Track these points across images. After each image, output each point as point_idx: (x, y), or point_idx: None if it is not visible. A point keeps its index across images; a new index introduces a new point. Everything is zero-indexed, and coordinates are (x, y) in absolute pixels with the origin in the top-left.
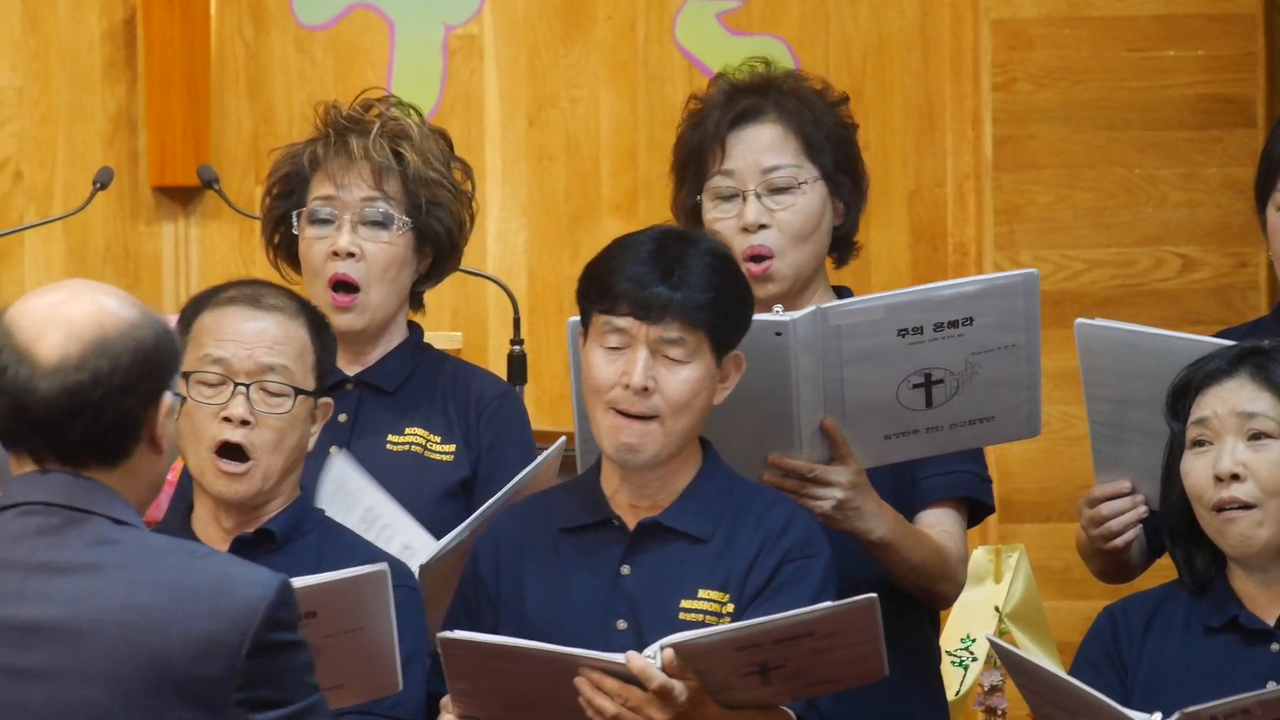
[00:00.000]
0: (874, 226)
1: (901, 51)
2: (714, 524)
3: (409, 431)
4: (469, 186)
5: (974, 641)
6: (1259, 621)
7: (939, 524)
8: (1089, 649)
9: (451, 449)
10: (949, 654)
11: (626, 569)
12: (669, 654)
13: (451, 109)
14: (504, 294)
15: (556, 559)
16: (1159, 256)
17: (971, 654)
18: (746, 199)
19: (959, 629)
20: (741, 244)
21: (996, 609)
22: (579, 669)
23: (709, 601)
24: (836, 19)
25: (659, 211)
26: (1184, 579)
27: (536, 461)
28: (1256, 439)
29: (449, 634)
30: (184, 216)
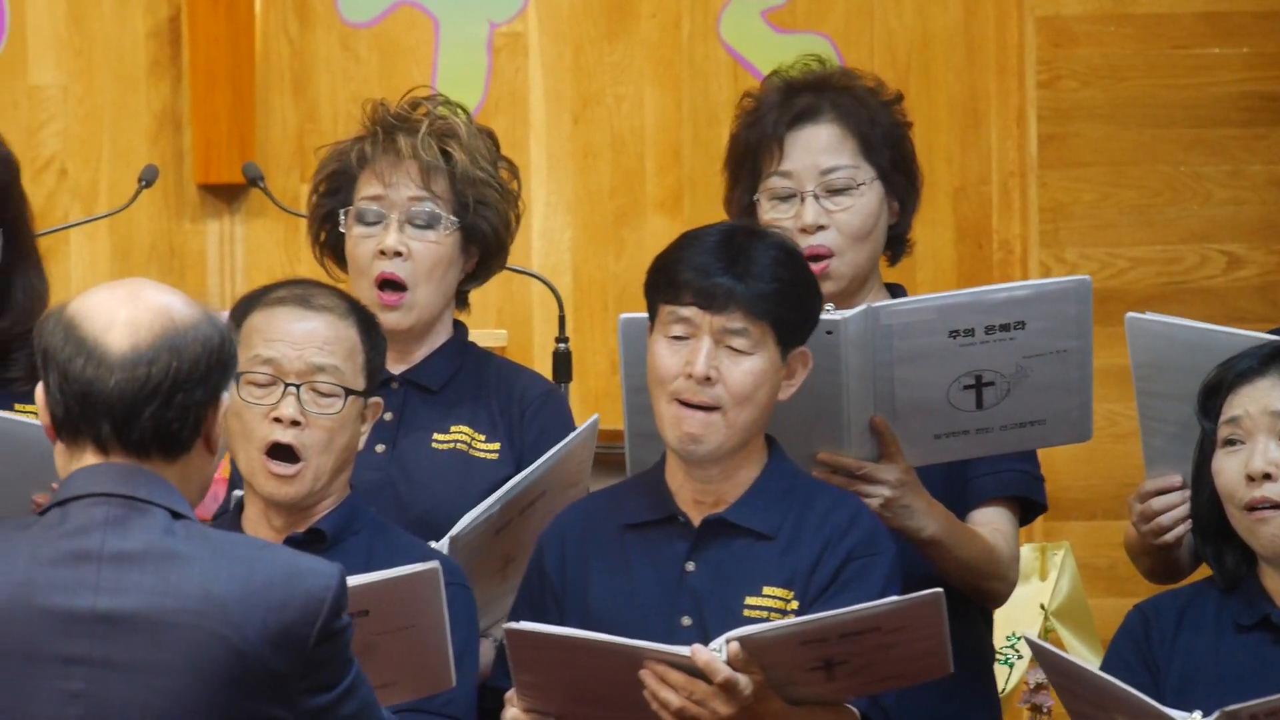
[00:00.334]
0: (919, 224)
1: (946, 49)
2: (779, 521)
3: (454, 430)
4: (515, 185)
5: (1020, 639)
6: None
7: (991, 522)
8: (1121, 647)
9: (496, 447)
10: (995, 652)
11: (691, 565)
12: (734, 647)
13: (496, 106)
14: (549, 291)
15: (622, 555)
16: (1204, 254)
17: (1017, 652)
18: (804, 200)
19: (1005, 627)
20: (800, 244)
21: (1042, 606)
22: (644, 662)
23: (773, 599)
24: (881, 16)
25: (703, 208)
26: (1215, 577)
27: (570, 438)
28: None
29: (515, 625)
30: (229, 214)
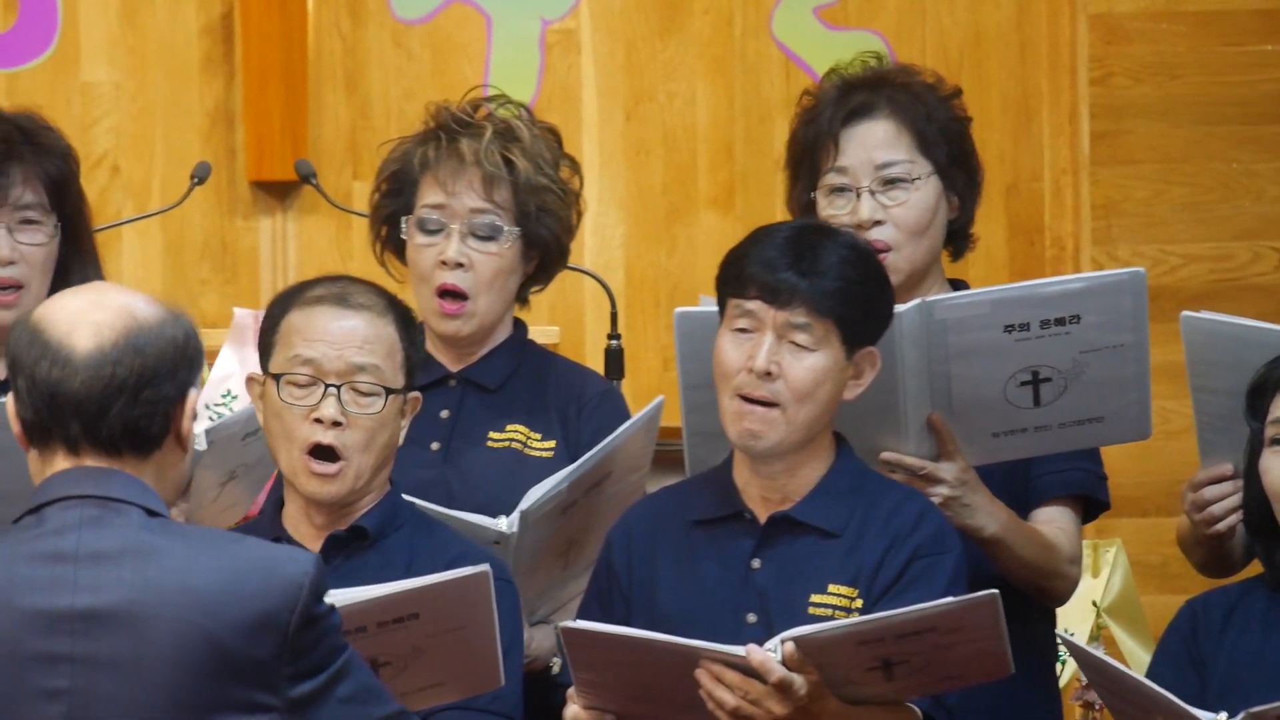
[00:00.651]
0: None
1: (998, 46)
2: (845, 519)
3: (509, 428)
4: (577, 183)
5: (1072, 636)
6: None
7: (1053, 521)
8: (1169, 642)
9: (551, 445)
10: (1057, 649)
11: (757, 563)
12: (789, 647)
13: (548, 103)
14: (601, 288)
15: (688, 552)
16: (1256, 251)
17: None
18: (860, 196)
19: (1057, 623)
20: None
21: (1094, 604)
22: (700, 661)
23: (838, 596)
24: (933, 13)
25: (755, 205)
26: (1265, 574)
27: (636, 417)
28: None
29: (571, 625)
30: (281, 211)
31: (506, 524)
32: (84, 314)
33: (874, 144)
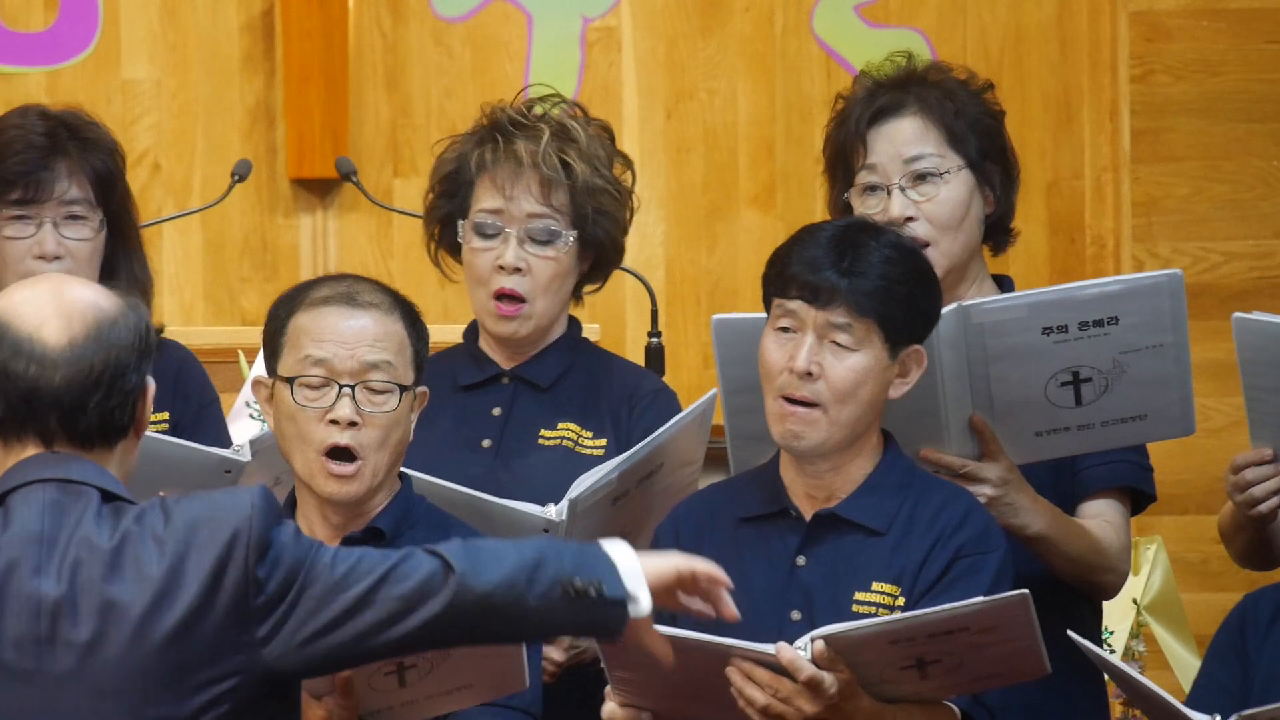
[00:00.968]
0: (1014, 220)
1: (1039, 43)
2: (891, 517)
3: (561, 426)
4: (629, 178)
5: (1113, 634)
6: None
7: (1101, 514)
8: (1219, 638)
9: (602, 444)
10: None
11: (802, 560)
12: (819, 645)
13: (589, 101)
14: (642, 286)
15: (735, 548)
16: None
17: (1109, 647)
18: (891, 193)
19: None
20: None
21: (1134, 601)
22: (730, 659)
23: (882, 594)
24: (974, 10)
25: (796, 203)
26: None
27: (689, 409)
28: None
29: None
30: (322, 209)
31: (555, 512)
32: (50, 308)
33: (901, 140)
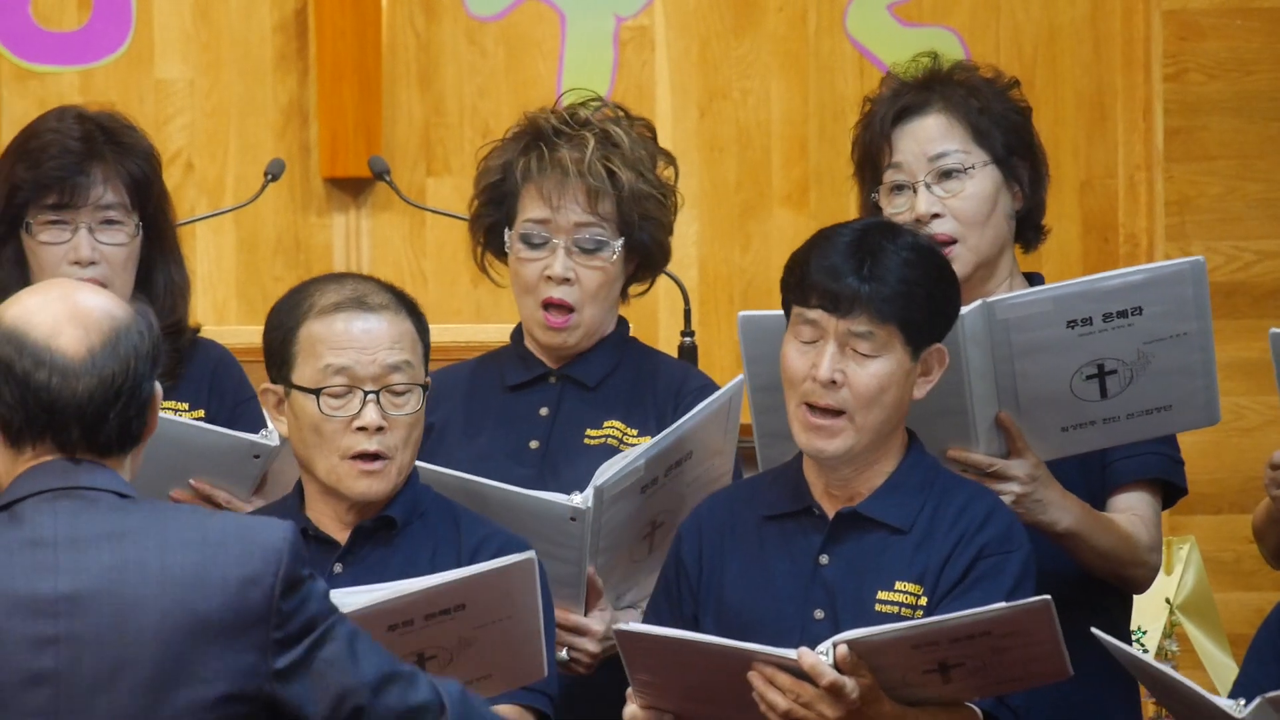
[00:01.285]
0: (1045, 217)
1: (1072, 42)
2: (914, 515)
3: (606, 424)
4: (671, 174)
5: (1145, 633)
6: None
7: (1131, 508)
8: (1258, 638)
9: (648, 441)
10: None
11: (825, 559)
12: (841, 650)
13: (622, 100)
14: (675, 285)
15: (758, 546)
16: None
17: (1143, 646)
18: (917, 190)
19: (1131, 620)
20: None
21: (1167, 600)
22: (751, 663)
23: (905, 594)
24: (1007, 9)
25: (829, 203)
26: None
27: (715, 395)
28: None
29: (623, 626)
30: (355, 208)
31: (581, 499)
32: (64, 316)
33: (926, 138)
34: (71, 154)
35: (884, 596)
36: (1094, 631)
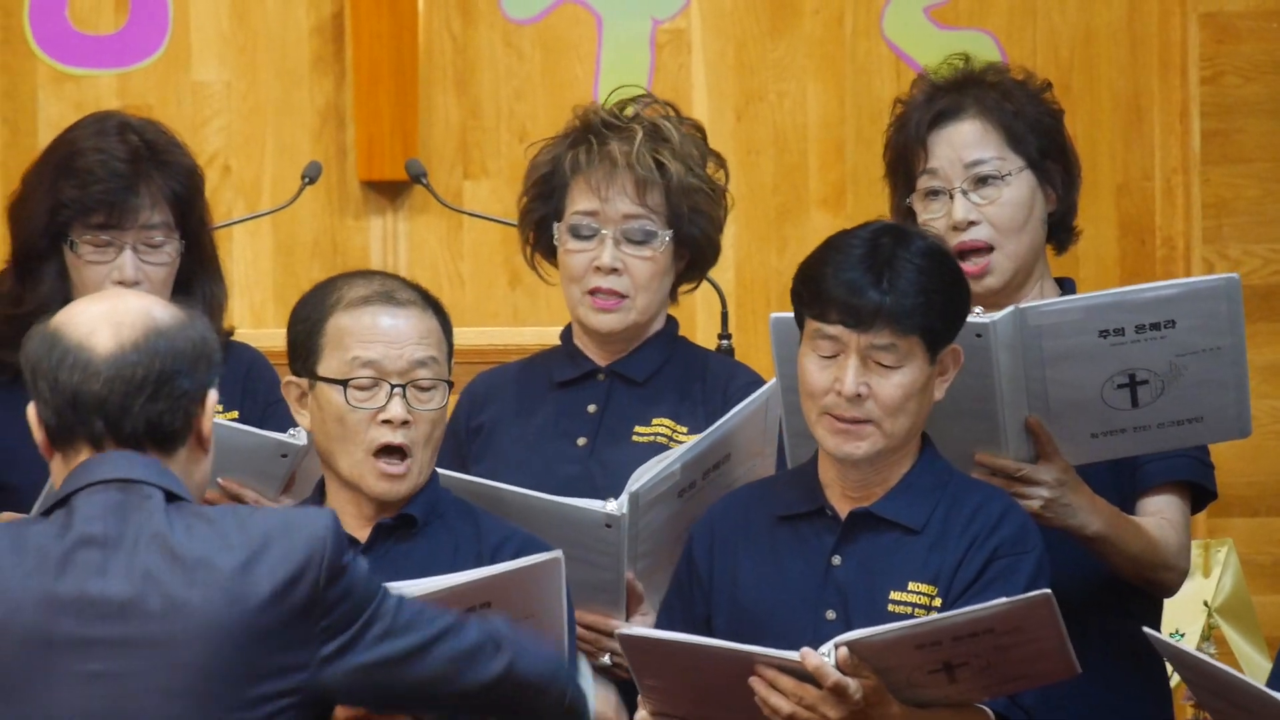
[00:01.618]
0: (1081, 220)
1: (1109, 45)
2: (927, 516)
3: (655, 422)
4: (722, 177)
5: (1183, 636)
6: None
7: (1160, 511)
8: None
9: (696, 439)
10: None
11: (838, 559)
12: (843, 652)
13: None
14: (712, 288)
15: (771, 546)
16: None
17: None
18: (953, 197)
19: (1169, 623)
20: (951, 241)
21: (1205, 604)
22: (754, 666)
23: (918, 594)
24: (1044, 12)
25: (866, 205)
26: None
27: (751, 398)
28: None
29: (627, 630)
30: (392, 211)
31: (615, 506)
32: (103, 317)
33: (962, 144)
34: (120, 176)
35: (896, 597)
36: (1146, 631)
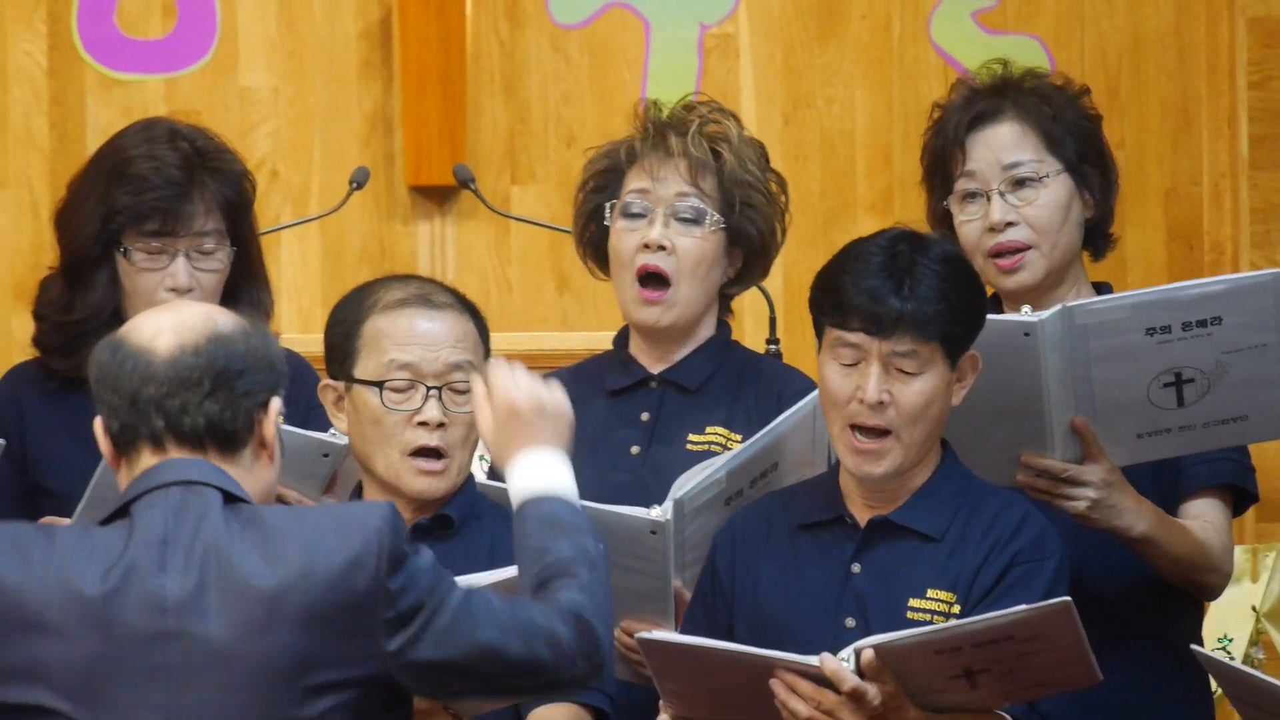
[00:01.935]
0: (1130, 225)
1: (1157, 50)
2: (946, 523)
3: (709, 430)
4: (784, 199)
5: (1231, 641)
6: None
7: (1203, 514)
8: None
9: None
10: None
11: (857, 567)
12: (869, 654)
13: None
14: (759, 293)
15: (792, 555)
16: None
17: (1229, 654)
18: (991, 198)
19: (1216, 628)
20: (989, 242)
21: (1253, 608)
22: (774, 670)
23: (937, 601)
24: (1092, 17)
25: (914, 210)
26: None
27: (797, 406)
28: None
29: (647, 635)
30: (440, 216)
31: (659, 512)
32: (166, 323)
33: (1000, 146)
34: (174, 184)
35: (916, 604)
36: (1193, 649)
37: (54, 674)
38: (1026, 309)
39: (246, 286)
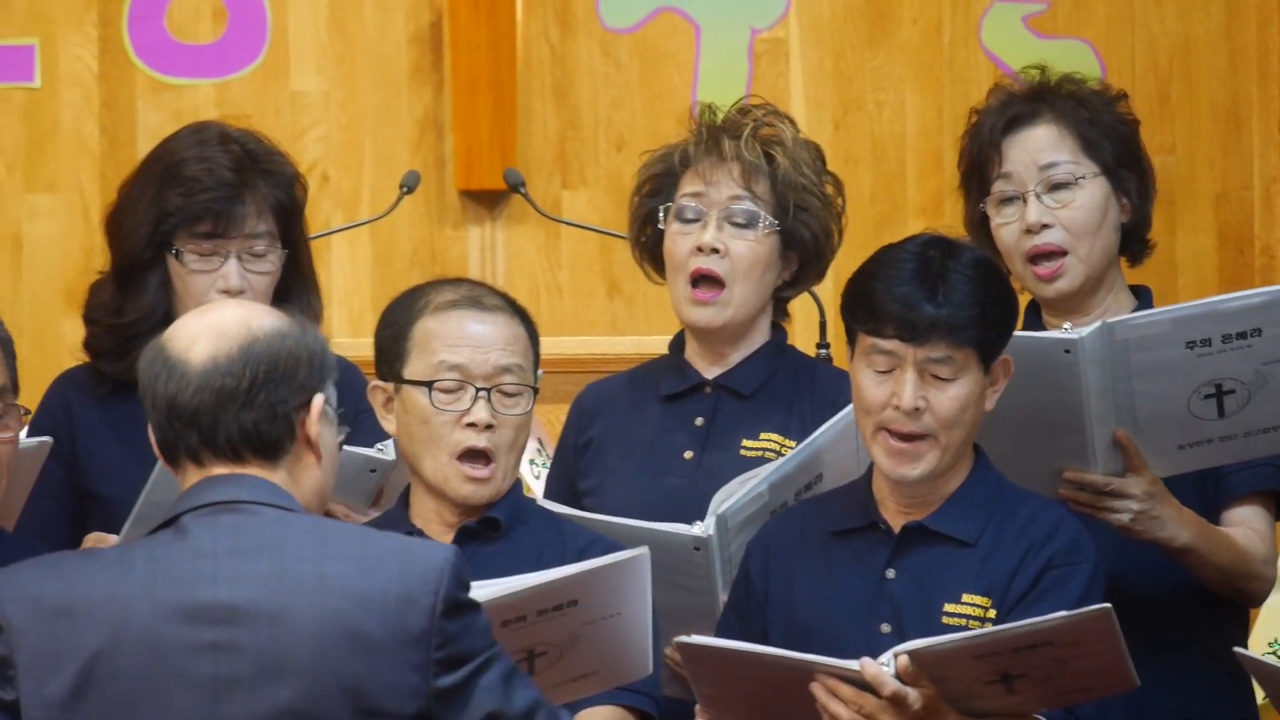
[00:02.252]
0: (1180, 229)
1: (1208, 54)
2: (980, 528)
3: (763, 437)
4: (840, 202)
5: (1279, 646)
6: None
7: (1245, 521)
8: None
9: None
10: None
11: (892, 572)
12: (903, 661)
13: None
14: (810, 297)
15: (826, 562)
16: None
17: (1278, 658)
18: (1027, 200)
19: (1266, 633)
20: (1025, 245)
21: None
22: (814, 675)
23: (972, 606)
24: (1142, 20)
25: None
26: None
27: (838, 417)
28: None
29: (686, 639)
30: (490, 220)
31: (701, 529)
32: (205, 329)
33: (1036, 148)
34: (227, 185)
35: (951, 609)
36: (1236, 651)
37: (104, 687)
38: (1067, 325)
39: (296, 290)
